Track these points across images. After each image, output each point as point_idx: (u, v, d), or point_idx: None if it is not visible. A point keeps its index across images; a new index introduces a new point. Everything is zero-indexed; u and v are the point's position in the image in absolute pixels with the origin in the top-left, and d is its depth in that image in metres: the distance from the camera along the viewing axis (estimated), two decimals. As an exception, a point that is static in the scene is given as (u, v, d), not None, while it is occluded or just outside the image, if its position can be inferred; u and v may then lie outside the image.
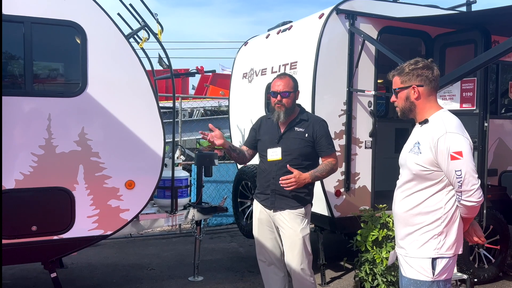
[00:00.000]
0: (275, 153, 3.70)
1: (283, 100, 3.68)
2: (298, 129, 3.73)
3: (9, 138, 3.82)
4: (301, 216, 3.69)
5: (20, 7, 3.78)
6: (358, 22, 4.94)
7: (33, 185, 3.88)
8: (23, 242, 3.89)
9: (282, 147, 3.69)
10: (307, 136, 3.69)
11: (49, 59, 4.25)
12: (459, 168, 2.33)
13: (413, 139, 2.54)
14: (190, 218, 4.99)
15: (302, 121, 3.75)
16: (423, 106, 2.51)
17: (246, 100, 6.36)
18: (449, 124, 2.41)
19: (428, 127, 2.47)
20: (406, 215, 2.53)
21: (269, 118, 3.90)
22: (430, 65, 2.51)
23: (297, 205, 3.68)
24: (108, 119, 4.08)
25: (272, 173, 3.71)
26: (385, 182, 5.75)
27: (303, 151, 3.65)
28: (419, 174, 2.45)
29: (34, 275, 5.22)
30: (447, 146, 2.35)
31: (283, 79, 3.75)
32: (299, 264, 3.68)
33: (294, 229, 3.67)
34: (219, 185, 7.75)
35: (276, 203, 3.71)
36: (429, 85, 2.49)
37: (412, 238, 2.50)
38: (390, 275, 4.43)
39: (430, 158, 2.40)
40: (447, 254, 2.44)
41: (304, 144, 3.68)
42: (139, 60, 4.19)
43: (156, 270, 5.56)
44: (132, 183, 4.17)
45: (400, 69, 2.56)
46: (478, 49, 4.88)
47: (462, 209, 2.43)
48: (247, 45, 6.65)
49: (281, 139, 3.73)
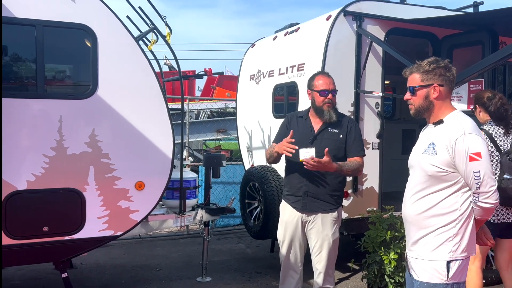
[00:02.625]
0: (308, 154, 3.47)
1: (332, 98, 3.58)
2: (332, 129, 3.61)
3: (21, 139, 3.87)
4: (333, 220, 3.64)
5: (32, 11, 3.83)
6: (366, 23, 4.96)
7: (44, 186, 3.93)
8: (35, 242, 3.93)
9: (316, 147, 3.47)
10: (341, 137, 3.60)
11: (60, 61, 4.30)
12: (478, 170, 2.30)
13: (427, 140, 2.49)
14: (198, 219, 5.02)
15: (336, 122, 3.62)
16: (440, 106, 2.47)
17: (254, 102, 6.39)
18: (466, 125, 2.37)
19: (443, 127, 2.43)
20: (419, 218, 2.48)
21: (300, 116, 3.76)
22: (449, 66, 2.48)
23: (330, 209, 3.61)
24: (118, 121, 4.12)
25: (304, 174, 3.57)
26: (393, 183, 5.77)
27: (337, 152, 3.56)
28: (435, 175, 2.40)
29: (44, 276, 5.27)
30: (465, 147, 2.31)
31: (329, 77, 3.64)
32: (324, 266, 3.65)
33: (326, 233, 3.62)
34: (226, 186, 7.78)
35: (308, 206, 3.61)
36: (448, 86, 2.47)
37: (426, 241, 2.45)
38: (398, 276, 4.44)
39: (447, 159, 2.35)
40: (462, 256, 2.40)
41: (338, 145, 3.59)
42: (148, 62, 4.23)
43: (165, 271, 5.59)
44: (142, 184, 4.21)
45: (419, 66, 2.49)
46: (485, 50, 4.89)
47: (478, 211, 2.39)
48: (254, 47, 6.68)
49: (315, 140, 3.60)
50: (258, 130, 6.24)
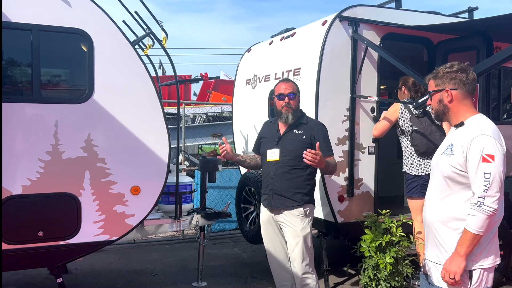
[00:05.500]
0: (274, 154, 3.86)
1: (291, 102, 3.85)
2: (296, 131, 3.87)
3: (17, 144, 3.85)
4: (300, 216, 3.79)
5: (28, 15, 3.82)
6: (361, 29, 4.97)
7: (39, 191, 3.91)
8: (30, 247, 3.91)
9: (280, 148, 3.84)
10: (304, 138, 3.83)
11: (56, 66, 4.29)
12: (489, 172, 2.27)
13: (447, 142, 2.52)
14: (194, 224, 5.01)
15: (301, 124, 3.90)
16: (457, 110, 2.48)
17: (250, 106, 6.40)
18: (486, 128, 2.37)
19: (463, 129, 2.44)
20: (439, 221, 2.45)
21: (271, 121, 4.10)
22: (465, 68, 2.49)
23: (294, 205, 3.79)
24: (114, 125, 4.12)
25: (270, 173, 3.86)
26: (388, 187, 5.79)
27: (300, 152, 3.69)
28: (451, 176, 2.39)
29: (39, 281, 5.24)
30: (480, 147, 2.30)
31: (288, 82, 3.97)
32: (300, 262, 3.79)
33: (294, 229, 3.78)
34: (222, 191, 7.78)
35: (273, 203, 3.85)
36: (463, 89, 2.47)
37: (447, 247, 2.40)
38: (394, 280, 4.45)
39: (462, 160, 2.35)
40: (485, 265, 2.35)
41: (301, 146, 3.78)
42: (144, 66, 4.23)
43: (160, 276, 5.58)
44: (137, 189, 4.20)
45: (435, 73, 2.55)
46: (480, 55, 4.92)
47: (477, 220, 2.27)
48: (251, 51, 6.69)
49: (280, 141, 3.88)
50: (254, 135, 6.23)
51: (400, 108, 4.81)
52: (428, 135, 4.64)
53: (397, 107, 4.84)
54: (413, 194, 4.76)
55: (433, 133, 4.64)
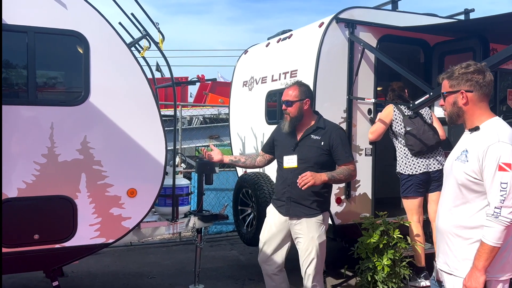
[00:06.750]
0: (291, 161, 3.68)
1: (287, 109, 3.70)
2: (314, 136, 3.69)
3: (12, 146, 3.83)
4: (318, 223, 3.69)
5: (24, 17, 3.80)
6: (358, 30, 4.98)
7: (35, 193, 3.89)
8: (26, 250, 3.88)
9: (298, 155, 3.66)
10: (323, 144, 3.65)
11: (52, 68, 4.27)
12: (506, 181, 2.14)
13: (461, 147, 2.38)
14: (191, 226, 4.99)
15: (319, 129, 3.71)
16: (473, 113, 2.34)
17: (247, 108, 6.39)
18: (503, 134, 2.23)
19: (479, 134, 2.31)
20: (451, 230, 2.35)
21: None
22: (482, 69, 2.34)
23: (314, 213, 3.67)
24: (110, 128, 4.10)
25: (288, 180, 3.70)
26: (386, 189, 5.78)
27: (319, 159, 3.62)
28: (465, 184, 2.28)
29: (35, 284, 5.21)
30: (497, 155, 2.17)
31: (290, 88, 3.76)
32: (312, 269, 3.69)
33: (311, 236, 3.66)
34: (219, 193, 7.76)
35: (291, 211, 3.70)
36: (479, 91, 2.32)
37: (460, 256, 2.31)
38: (391, 282, 4.45)
39: (477, 167, 2.23)
40: (501, 277, 2.24)
41: (320, 152, 3.65)
42: (141, 68, 4.22)
43: (157, 279, 5.56)
44: (134, 191, 4.18)
45: (449, 72, 2.41)
46: (476, 57, 4.93)
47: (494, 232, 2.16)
48: (247, 53, 6.69)
49: (297, 147, 3.71)
50: (251, 137, 6.24)
51: (394, 110, 4.89)
52: (421, 135, 4.76)
53: (390, 109, 4.90)
54: (408, 193, 4.81)
55: (426, 132, 4.77)
